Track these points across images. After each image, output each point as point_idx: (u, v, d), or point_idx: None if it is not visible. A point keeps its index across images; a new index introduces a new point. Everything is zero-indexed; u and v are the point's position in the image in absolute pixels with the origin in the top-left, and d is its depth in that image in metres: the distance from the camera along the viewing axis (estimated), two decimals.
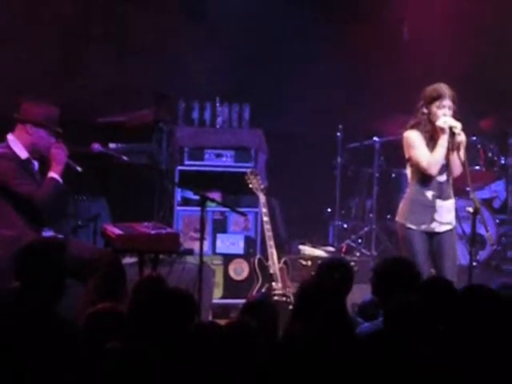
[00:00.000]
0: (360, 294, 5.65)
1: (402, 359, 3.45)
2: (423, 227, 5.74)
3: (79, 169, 5.73)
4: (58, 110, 5.66)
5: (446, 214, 5.77)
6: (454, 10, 8.39)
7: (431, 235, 5.75)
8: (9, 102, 5.80)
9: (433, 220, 5.74)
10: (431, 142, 5.70)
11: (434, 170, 5.67)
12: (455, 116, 5.70)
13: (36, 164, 5.67)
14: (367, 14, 8.32)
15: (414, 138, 5.72)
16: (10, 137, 5.62)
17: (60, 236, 5.68)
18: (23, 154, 5.58)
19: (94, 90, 7.90)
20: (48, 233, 5.63)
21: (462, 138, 5.67)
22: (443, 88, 5.68)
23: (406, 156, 5.80)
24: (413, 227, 5.73)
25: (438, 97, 5.66)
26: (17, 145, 5.58)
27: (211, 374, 3.37)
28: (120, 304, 4.03)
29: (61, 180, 5.58)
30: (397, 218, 5.87)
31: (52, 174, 5.56)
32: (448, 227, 5.78)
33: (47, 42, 7.90)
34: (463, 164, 5.68)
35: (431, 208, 5.73)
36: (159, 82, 7.96)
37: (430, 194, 5.74)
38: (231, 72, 8.10)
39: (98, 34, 8.11)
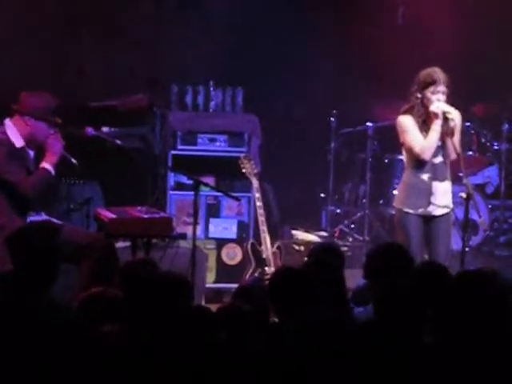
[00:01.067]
0: (353, 279, 5.64)
1: (393, 345, 3.45)
2: (420, 211, 5.74)
3: (74, 161, 5.72)
4: (57, 99, 5.64)
5: (442, 197, 5.76)
6: None
7: (428, 219, 5.76)
8: (4, 90, 5.76)
9: (429, 203, 5.75)
10: (424, 126, 5.70)
11: (427, 154, 5.68)
12: (448, 101, 5.69)
13: (31, 153, 5.65)
14: None
15: (406, 123, 5.72)
16: (7, 122, 5.58)
17: (54, 220, 5.68)
18: (19, 142, 5.55)
19: (88, 74, 7.87)
20: (42, 217, 5.62)
21: (455, 123, 5.67)
22: (438, 73, 5.67)
23: (401, 140, 5.80)
24: (410, 211, 5.73)
25: (433, 82, 5.66)
26: (14, 132, 5.55)
27: (204, 359, 3.38)
28: (113, 288, 4.03)
29: (53, 171, 5.57)
30: (394, 203, 5.88)
31: (45, 165, 5.55)
32: (445, 210, 5.79)
33: (41, 28, 7.86)
34: (457, 151, 5.68)
35: (427, 191, 5.73)
36: (152, 66, 7.94)
37: (425, 176, 5.75)
38: (224, 56, 8.08)
39: (91, 20, 8.06)
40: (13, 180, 5.45)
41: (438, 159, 5.75)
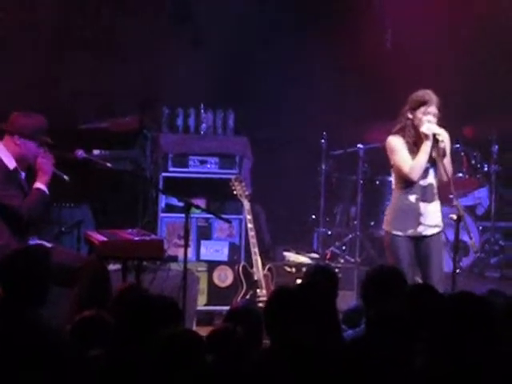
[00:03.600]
0: (344, 301, 5.66)
1: (382, 366, 3.44)
2: (409, 232, 5.74)
3: (66, 177, 5.71)
4: (47, 122, 5.64)
5: (432, 217, 5.77)
6: (437, 18, 8.42)
7: (418, 239, 5.76)
8: None
9: (419, 224, 5.75)
10: (414, 147, 5.71)
11: (415, 175, 5.68)
12: (439, 123, 5.71)
13: (23, 174, 5.65)
14: (352, 21, 8.34)
15: (395, 144, 5.73)
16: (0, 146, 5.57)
17: (46, 243, 5.65)
18: (11, 163, 5.54)
19: (78, 96, 7.88)
20: (34, 241, 5.60)
21: (445, 144, 5.69)
22: (430, 94, 5.70)
23: (391, 162, 5.81)
24: (399, 233, 5.74)
25: (425, 102, 5.68)
26: (5, 154, 5.54)
27: (197, 381, 3.36)
28: (105, 311, 4.01)
29: (47, 191, 5.56)
30: (383, 226, 5.88)
31: (38, 185, 5.54)
32: (436, 230, 5.79)
33: (30, 48, 7.87)
34: (447, 173, 5.69)
35: (416, 212, 5.74)
36: (143, 88, 7.95)
37: (413, 197, 5.75)
38: (215, 79, 8.10)
39: (82, 40, 8.09)
40: (13, 204, 5.43)
41: (427, 181, 5.76)
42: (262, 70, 8.41)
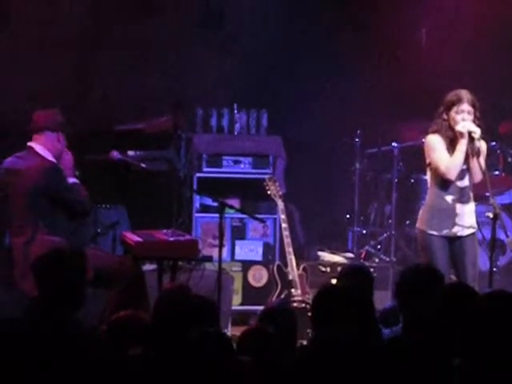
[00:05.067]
0: (380, 300, 5.62)
1: (421, 366, 3.43)
2: (445, 232, 5.72)
3: (76, 172, 5.75)
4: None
5: (467, 218, 5.75)
6: (474, 15, 8.35)
7: (453, 240, 5.73)
8: (26, 116, 5.78)
9: (454, 224, 5.72)
10: (451, 147, 5.69)
11: (452, 174, 5.66)
12: (477, 122, 5.67)
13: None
14: (386, 19, 8.30)
15: (434, 142, 5.72)
16: (37, 146, 5.56)
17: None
18: (53, 160, 5.58)
19: (113, 98, 7.93)
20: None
21: (480, 143, 5.65)
22: (462, 93, 5.67)
23: (427, 161, 5.79)
24: (434, 233, 5.71)
25: (457, 101, 5.65)
26: (48, 154, 5.57)
27: (230, 381, 3.37)
28: (141, 312, 4.03)
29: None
30: (417, 225, 5.85)
31: (73, 180, 5.60)
32: (470, 231, 5.76)
33: (65, 51, 7.93)
34: (483, 171, 5.65)
35: (452, 212, 5.71)
36: (177, 89, 7.98)
37: (450, 198, 5.72)
38: (248, 79, 8.11)
39: (116, 44, 8.13)
40: (81, 198, 5.51)
41: (464, 183, 5.73)
42: (295, 68, 8.39)
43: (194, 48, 8.25)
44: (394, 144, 8.14)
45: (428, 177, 5.87)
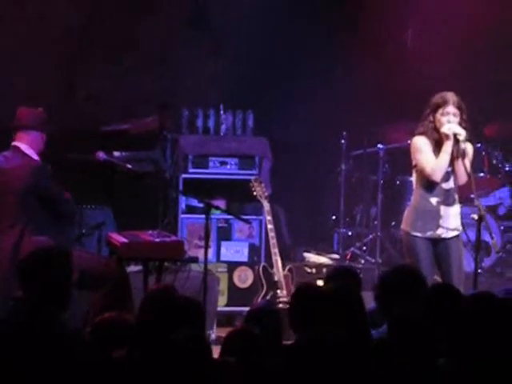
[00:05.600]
0: (365, 301, 5.62)
1: (405, 367, 3.44)
2: (429, 234, 5.73)
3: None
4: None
5: (452, 220, 5.76)
6: (461, 16, 8.37)
7: (437, 241, 5.75)
8: (12, 114, 5.75)
9: (439, 226, 5.74)
10: (437, 149, 5.71)
11: (437, 175, 5.67)
12: (464, 124, 5.69)
13: None
14: (372, 22, 8.31)
15: (420, 144, 5.73)
16: (22, 145, 5.52)
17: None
18: (38, 159, 5.56)
19: (98, 98, 7.91)
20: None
21: (466, 145, 5.67)
22: (448, 95, 5.69)
23: (413, 162, 5.80)
24: (418, 234, 5.72)
25: (443, 104, 5.67)
26: (33, 153, 5.54)
27: (215, 382, 3.36)
28: (126, 313, 4.02)
29: None
30: (402, 226, 5.87)
31: None
32: (455, 233, 5.78)
33: (50, 52, 7.90)
34: (468, 173, 5.67)
35: (436, 214, 5.73)
36: (163, 90, 7.97)
37: (434, 200, 5.74)
38: (235, 79, 8.10)
39: (101, 44, 8.11)
40: (67, 198, 5.49)
41: (449, 185, 5.75)
42: (281, 70, 8.39)
43: (180, 49, 8.25)
44: (379, 146, 8.16)
45: (413, 178, 5.88)
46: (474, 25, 8.34)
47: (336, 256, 8.01)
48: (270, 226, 6.59)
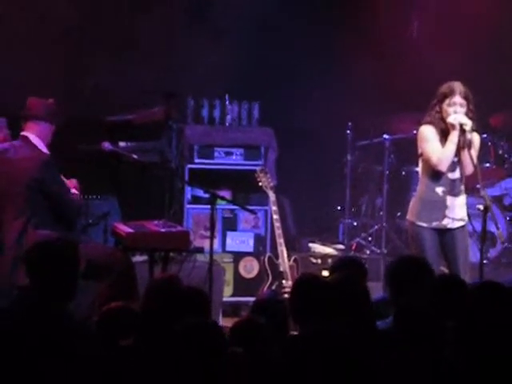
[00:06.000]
0: (371, 292, 5.62)
1: (412, 357, 3.44)
2: (434, 224, 5.73)
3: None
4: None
5: (458, 210, 5.76)
6: (466, 8, 8.35)
7: (443, 232, 5.75)
8: (19, 103, 5.72)
9: (444, 216, 5.74)
10: (444, 139, 5.70)
11: (443, 165, 5.67)
12: (470, 114, 5.68)
13: None
14: (378, 11, 8.29)
15: (427, 133, 5.73)
16: (31, 136, 5.48)
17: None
18: (46, 151, 5.52)
19: (104, 89, 7.91)
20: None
21: (472, 135, 5.66)
22: (455, 85, 5.68)
23: (419, 151, 5.80)
24: (423, 224, 5.72)
25: (449, 94, 5.66)
26: (42, 145, 5.49)
27: (222, 372, 3.37)
28: (131, 303, 4.03)
29: None
30: (407, 216, 5.86)
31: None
32: (461, 223, 5.78)
33: (55, 41, 7.89)
34: (474, 163, 5.66)
35: (442, 204, 5.72)
36: (168, 80, 7.96)
37: (440, 190, 5.73)
38: (240, 70, 8.09)
39: (105, 35, 8.10)
40: (72, 199, 5.46)
41: (455, 175, 5.74)
42: (287, 60, 8.38)
43: (186, 38, 8.23)
44: (385, 136, 8.14)
45: (419, 168, 5.88)
46: (479, 17, 8.32)
47: (341, 246, 8.01)
48: (275, 217, 6.58)
